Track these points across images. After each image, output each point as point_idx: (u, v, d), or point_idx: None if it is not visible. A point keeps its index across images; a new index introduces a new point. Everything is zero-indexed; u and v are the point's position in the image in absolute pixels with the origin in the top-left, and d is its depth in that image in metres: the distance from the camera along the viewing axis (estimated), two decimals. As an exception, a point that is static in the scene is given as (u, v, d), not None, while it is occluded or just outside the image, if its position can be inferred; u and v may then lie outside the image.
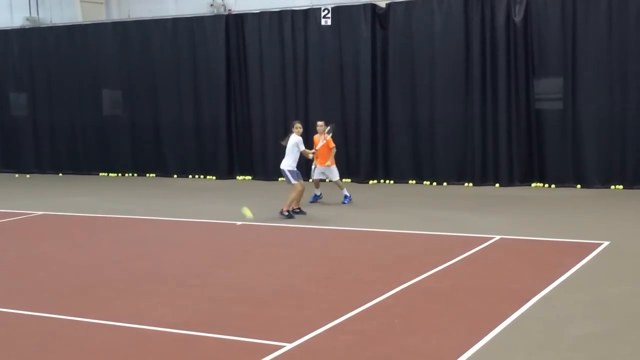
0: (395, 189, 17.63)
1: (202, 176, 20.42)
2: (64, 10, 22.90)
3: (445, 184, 17.79)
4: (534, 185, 17.09)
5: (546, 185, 16.99)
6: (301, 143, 13.81)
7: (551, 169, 17.00)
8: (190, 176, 20.54)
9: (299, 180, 13.73)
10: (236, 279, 9.47)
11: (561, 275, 8.99)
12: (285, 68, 19.26)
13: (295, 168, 13.84)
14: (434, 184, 17.88)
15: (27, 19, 23.16)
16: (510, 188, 16.96)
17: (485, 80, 17.28)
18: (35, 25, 22.86)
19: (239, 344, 6.97)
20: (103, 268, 10.20)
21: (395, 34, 18.09)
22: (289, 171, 13.71)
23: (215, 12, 20.63)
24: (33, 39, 22.27)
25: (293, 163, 13.78)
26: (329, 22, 18.54)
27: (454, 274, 9.35)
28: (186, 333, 7.28)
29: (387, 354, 6.59)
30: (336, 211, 14.42)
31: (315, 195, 15.38)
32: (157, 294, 8.73)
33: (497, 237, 11.37)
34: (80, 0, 22.69)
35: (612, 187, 16.40)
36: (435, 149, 17.87)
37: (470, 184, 17.53)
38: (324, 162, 15.13)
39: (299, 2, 19.46)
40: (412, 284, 8.80)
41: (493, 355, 6.53)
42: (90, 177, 21.34)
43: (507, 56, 17.05)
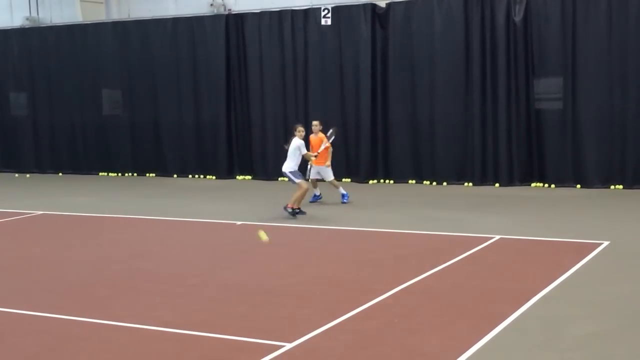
0: (395, 188, 17.63)
1: (202, 176, 20.41)
2: (64, 10, 22.90)
3: (445, 183, 17.79)
4: (534, 185, 17.09)
5: (546, 185, 16.99)
6: (303, 147, 13.89)
7: (551, 169, 16.99)
8: (190, 176, 20.54)
9: (302, 179, 13.82)
10: (236, 278, 9.47)
11: (561, 275, 8.99)
12: (285, 68, 19.26)
13: (297, 169, 13.92)
14: (434, 183, 17.88)
15: (27, 19, 23.16)
16: (510, 188, 16.96)
17: (485, 80, 17.28)
18: (35, 25, 22.85)
19: (239, 343, 6.97)
20: (103, 268, 10.20)
21: (395, 34, 18.08)
22: (291, 172, 13.78)
23: (215, 12, 20.62)
24: (33, 39, 22.27)
25: (295, 166, 13.86)
26: (329, 22, 18.53)
27: (454, 274, 9.35)
28: (186, 333, 7.28)
29: (387, 354, 6.59)
30: (336, 211, 14.42)
31: (315, 195, 15.38)
32: (157, 294, 8.73)
33: (497, 237, 11.37)
34: (80, 0, 22.70)
35: (612, 187, 16.39)
36: (435, 149, 17.87)
37: (470, 184, 17.53)
38: (322, 162, 15.10)
39: (299, 2, 19.45)
40: (412, 284, 8.80)
41: (493, 355, 6.53)
42: (90, 177, 21.34)
43: (507, 56, 17.05)
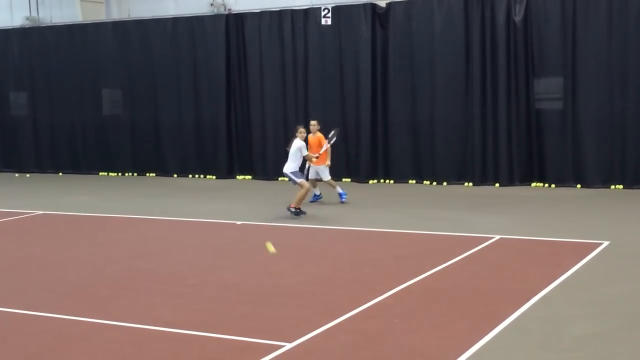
0: (395, 188, 17.63)
1: (202, 176, 20.41)
2: (64, 10, 22.90)
3: (445, 183, 17.79)
4: (534, 185, 17.09)
5: (546, 185, 16.99)
6: (304, 148, 13.92)
7: (551, 169, 17.00)
8: (190, 176, 20.53)
9: (303, 178, 13.86)
10: (236, 278, 9.47)
11: (561, 275, 8.99)
12: (285, 68, 19.26)
13: (298, 170, 13.95)
14: (434, 183, 17.88)
15: (27, 19, 23.15)
16: (510, 188, 16.96)
17: (485, 80, 17.28)
18: (35, 24, 22.86)
19: (239, 343, 6.97)
20: (103, 268, 10.20)
21: (395, 34, 18.08)
22: (292, 173, 13.80)
23: (215, 12, 20.62)
24: (33, 39, 22.28)
25: (296, 167, 13.90)
26: (329, 22, 18.53)
27: (454, 274, 9.35)
28: (186, 332, 7.28)
29: (387, 354, 6.59)
30: (336, 211, 14.42)
31: (315, 195, 15.37)
32: (157, 294, 8.73)
33: (497, 237, 11.37)
34: (80, 0, 22.69)
35: (612, 187, 16.40)
36: (435, 148, 17.87)
37: (470, 184, 17.53)
38: (321, 162, 15.09)
39: (299, 2, 19.44)
40: (412, 284, 8.80)
41: (493, 355, 6.53)
42: (90, 177, 21.34)
43: (507, 56, 17.05)
